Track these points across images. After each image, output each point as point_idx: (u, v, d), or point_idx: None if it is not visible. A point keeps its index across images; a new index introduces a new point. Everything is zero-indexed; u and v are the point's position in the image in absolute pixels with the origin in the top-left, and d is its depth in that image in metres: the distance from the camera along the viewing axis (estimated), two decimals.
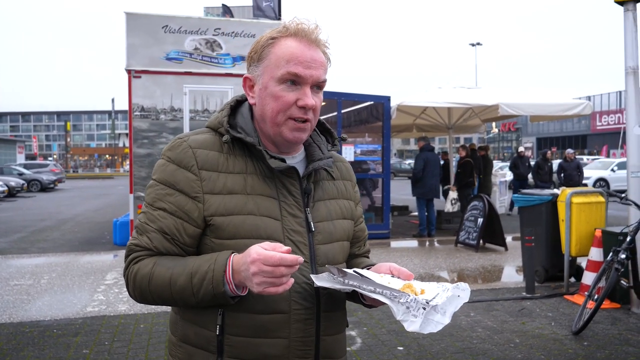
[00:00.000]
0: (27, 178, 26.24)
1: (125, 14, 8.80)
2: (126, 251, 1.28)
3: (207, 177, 1.24)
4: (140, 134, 8.79)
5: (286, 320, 1.24)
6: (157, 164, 1.30)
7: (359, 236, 1.49)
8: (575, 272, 6.28)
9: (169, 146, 1.29)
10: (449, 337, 4.49)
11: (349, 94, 10.10)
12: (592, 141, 51.50)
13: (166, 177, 1.26)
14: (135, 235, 1.27)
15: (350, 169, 1.52)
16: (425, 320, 1.09)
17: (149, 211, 1.26)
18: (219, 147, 1.28)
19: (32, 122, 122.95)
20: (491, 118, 13.59)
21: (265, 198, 1.26)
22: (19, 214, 15.40)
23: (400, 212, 14.13)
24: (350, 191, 1.47)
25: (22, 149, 51.80)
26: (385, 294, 1.12)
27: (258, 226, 1.23)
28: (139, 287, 1.23)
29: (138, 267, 1.23)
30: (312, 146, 1.39)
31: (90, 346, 4.29)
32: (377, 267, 1.32)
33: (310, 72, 1.24)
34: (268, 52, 1.27)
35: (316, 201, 1.35)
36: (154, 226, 1.24)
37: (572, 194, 6.00)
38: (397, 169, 37.10)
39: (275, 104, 1.25)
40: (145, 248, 1.24)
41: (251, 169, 1.28)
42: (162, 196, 1.25)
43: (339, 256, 1.38)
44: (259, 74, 1.28)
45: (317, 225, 1.31)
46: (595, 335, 4.53)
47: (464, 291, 1.17)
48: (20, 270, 7.26)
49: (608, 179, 21.76)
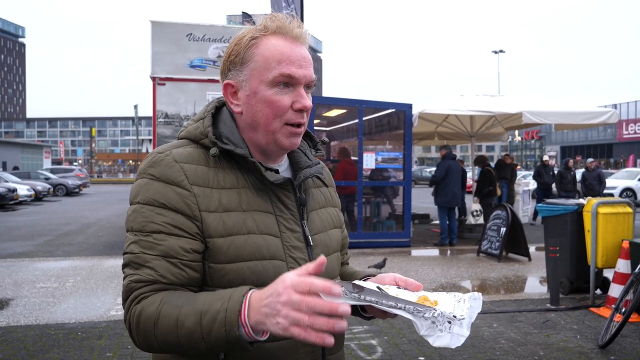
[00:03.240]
0: (53, 182, 26.77)
1: (151, 23, 8.98)
2: (124, 293, 1.06)
3: (200, 193, 1.10)
4: (163, 140, 8.91)
5: (294, 346, 1.14)
6: (137, 184, 1.12)
7: (344, 243, 1.42)
8: (602, 284, 6.15)
9: (149, 162, 1.12)
10: (472, 348, 4.44)
11: (371, 101, 10.09)
12: (618, 150, 50.52)
13: (153, 196, 1.08)
14: (131, 272, 1.06)
15: (330, 174, 1.43)
16: (452, 335, 1.05)
17: (140, 239, 1.07)
18: (205, 161, 1.14)
19: (58, 127, 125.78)
20: (514, 126, 13.43)
21: (262, 214, 1.15)
22: (45, 217, 15.72)
23: (421, 220, 14.03)
24: (334, 197, 1.39)
25: (48, 154, 53.02)
26: (407, 309, 1.06)
27: (260, 246, 1.12)
28: (142, 331, 1.02)
29: (142, 306, 1.02)
30: (296, 152, 1.28)
31: (113, 349, 4.35)
32: (381, 279, 1.22)
33: (303, 71, 1.15)
34: (252, 54, 1.15)
35: (309, 212, 1.26)
36: (153, 252, 1.05)
37: (599, 204, 5.89)
38: (418, 176, 36.88)
39: (269, 110, 1.14)
40: (148, 282, 1.04)
41: (242, 182, 1.15)
42: (152, 218, 1.07)
43: (336, 269, 1.31)
44: (244, 79, 1.16)
45: (314, 239, 1.23)
46: (622, 350, 4.42)
47: (476, 300, 1.13)
48: (46, 273, 7.40)
49: (635, 188, 21.30)
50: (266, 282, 1.03)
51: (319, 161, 1.32)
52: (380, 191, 11.07)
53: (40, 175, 28.23)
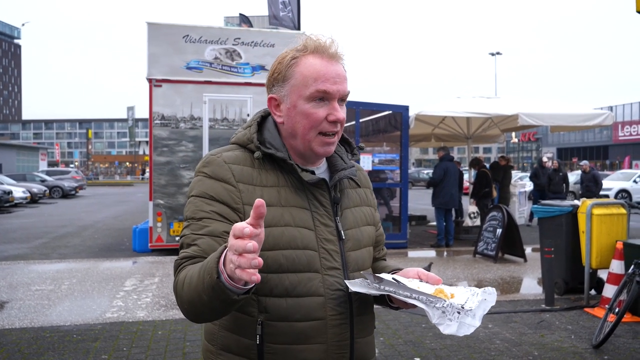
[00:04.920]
0: (49, 185, 26.71)
1: (147, 24, 8.97)
2: (174, 269, 1.25)
3: (244, 189, 1.28)
4: (160, 142, 8.91)
5: (323, 326, 1.28)
6: (194, 181, 1.33)
7: (379, 240, 1.55)
8: (596, 285, 6.17)
9: (204, 162, 1.33)
10: (467, 348, 4.45)
11: (368, 103, 10.12)
12: (614, 152, 50.71)
13: (205, 190, 1.28)
14: (181, 250, 1.25)
15: (367, 177, 1.58)
16: (460, 324, 1.14)
17: (192, 223, 1.26)
18: (250, 163, 1.33)
19: (54, 129, 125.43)
20: (511, 128, 13.46)
21: (298, 209, 1.31)
22: (41, 220, 15.68)
23: (418, 221, 14.05)
24: (370, 198, 1.53)
25: (44, 156, 52.82)
26: (421, 299, 1.18)
27: (295, 237, 1.27)
28: (178, 296, 1.19)
29: (180, 275, 1.20)
30: (333, 156, 1.44)
31: (109, 352, 4.34)
32: (405, 272, 1.37)
33: (337, 87, 1.30)
34: (293, 72, 1.31)
35: (343, 209, 1.40)
36: (201, 232, 1.23)
37: (593, 205, 5.92)
38: (415, 178, 36.94)
39: (306, 121, 1.30)
40: (192, 257, 1.21)
41: (283, 182, 1.32)
42: (203, 206, 1.26)
43: (367, 262, 1.44)
44: (286, 94, 1.32)
45: (346, 233, 1.37)
46: (616, 349, 4.44)
47: (490, 295, 1.23)
48: (41, 275, 7.39)
49: (630, 190, 21.37)
50: (299, 268, 1.27)
51: (354, 164, 1.47)
52: (377, 193, 11.07)
53: (36, 177, 28.14)
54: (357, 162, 1.52)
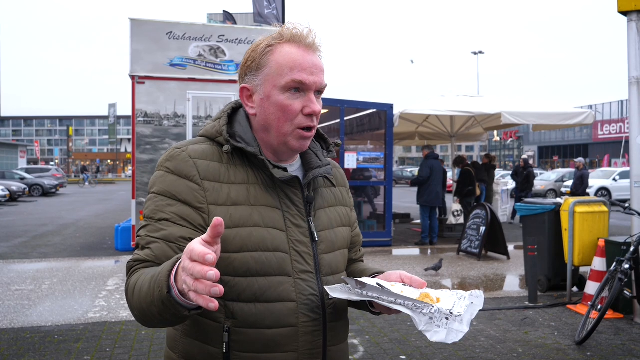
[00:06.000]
0: (28, 183, 26.24)
1: (130, 20, 8.84)
2: (126, 269, 1.18)
3: (210, 187, 1.19)
4: (143, 139, 8.80)
5: (295, 334, 1.21)
6: (155, 176, 1.24)
7: (355, 241, 1.48)
8: (578, 282, 6.25)
9: (167, 157, 1.24)
10: (452, 346, 4.47)
11: (352, 101, 10.11)
12: (594, 150, 51.48)
13: (166, 187, 1.20)
14: (136, 252, 1.18)
15: (344, 175, 1.50)
16: (449, 330, 1.08)
17: (149, 223, 1.18)
18: (218, 158, 1.24)
19: (34, 127, 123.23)
20: (493, 126, 13.61)
21: (269, 209, 1.23)
22: (21, 218, 15.41)
23: (402, 219, 14.11)
24: (345, 197, 1.45)
25: (24, 154, 51.91)
26: (407, 305, 1.11)
27: (265, 238, 1.20)
28: (128, 300, 1.12)
29: (130, 279, 1.13)
30: (307, 153, 1.36)
31: (91, 352, 4.28)
32: (387, 276, 1.29)
33: (313, 78, 1.22)
34: (267, 61, 1.23)
35: (317, 210, 1.32)
36: (156, 235, 1.15)
37: (575, 203, 6.00)
38: (399, 176, 37.10)
39: (281, 113, 1.22)
40: (144, 260, 1.14)
41: (253, 179, 1.24)
42: (162, 207, 1.18)
43: (341, 265, 1.36)
44: (259, 84, 1.25)
45: (320, 235, 1.29)
46: (598, 346, 4.51)
47: (478, 298, 1.16)
48: (21, 275, 7.25)
49: (610, 188, 21.71)
50: (269, 272, 1.19)
51: (329, 162, 1.39)
52: (362, 191, 11.10)
53: (16, 175, 27.62)
54: (333, 160, 1.44)
